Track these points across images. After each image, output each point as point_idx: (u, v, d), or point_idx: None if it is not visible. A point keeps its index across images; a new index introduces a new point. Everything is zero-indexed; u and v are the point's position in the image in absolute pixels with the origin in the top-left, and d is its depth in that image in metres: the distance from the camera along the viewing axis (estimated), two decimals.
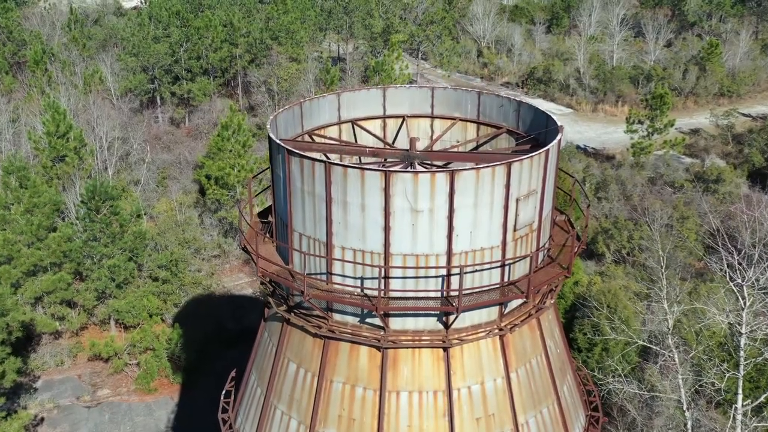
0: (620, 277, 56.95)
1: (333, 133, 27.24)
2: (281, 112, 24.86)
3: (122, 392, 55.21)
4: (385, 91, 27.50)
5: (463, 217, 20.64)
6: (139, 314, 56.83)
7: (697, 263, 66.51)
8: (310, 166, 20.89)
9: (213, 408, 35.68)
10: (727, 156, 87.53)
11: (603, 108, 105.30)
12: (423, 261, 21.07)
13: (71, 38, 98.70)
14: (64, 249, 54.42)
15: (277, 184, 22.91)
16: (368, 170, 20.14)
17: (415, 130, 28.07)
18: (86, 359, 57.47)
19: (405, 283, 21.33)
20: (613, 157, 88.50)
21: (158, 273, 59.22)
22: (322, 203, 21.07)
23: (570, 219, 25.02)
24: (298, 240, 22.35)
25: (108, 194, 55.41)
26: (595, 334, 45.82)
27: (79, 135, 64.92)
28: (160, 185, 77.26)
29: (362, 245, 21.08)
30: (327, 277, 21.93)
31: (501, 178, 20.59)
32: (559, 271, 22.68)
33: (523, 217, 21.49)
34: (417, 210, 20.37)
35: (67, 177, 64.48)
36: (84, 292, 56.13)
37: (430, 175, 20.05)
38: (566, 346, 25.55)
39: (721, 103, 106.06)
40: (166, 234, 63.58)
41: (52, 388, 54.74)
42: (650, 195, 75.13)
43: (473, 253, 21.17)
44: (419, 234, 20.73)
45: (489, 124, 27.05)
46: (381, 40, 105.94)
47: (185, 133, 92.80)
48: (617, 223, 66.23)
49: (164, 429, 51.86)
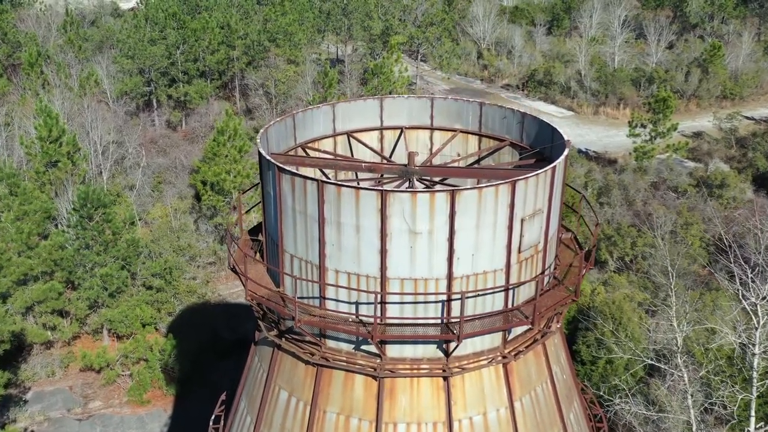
0: (624, 286, 55.72)
1: (328, 145, 25.92)
2: (272, 124, 23.57)
3: (114, 404, 53.97)
4: (383, 101, 26.19)
5: (464, 239, 19.37)
6: (132, 324, 55.58)
7: (702, 270, 65.41)
8: (302, 184, 19.62)
9: (206, 422, 34.58)
10: (731, 160, 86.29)
11: (604, 111, 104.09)
12: (422, 286, 19.78)
13: (67, 40, 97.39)
14: (55, 257, 53.26)
15: (267, 201, 21.64)
16: (363, 190, 18.87)
17: (414, 142, 26.76)
18: (78, 370, 56.24)
19: (403, 309, 20.06)
20: (615, 161, 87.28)
21: (152, 281, 57.97)
22: (314, 224, 19.81)
23: (576, 237, 23.75)
24: (289, 261, 21.07)
25: (100, 201, 54.21)
26: (599, 346, 44.58)
27: (72, 140, 63.66)
28: (156, 190, 76.01)
29: (357, 269, 19.80)
30: (320, 302, 20.66)
31: (505, 197, 19.32)
32: (566, 294, 21.40)
33: (528, 238, 20.23)
34: (415, 232, 19.11)
35: (60, 182, 63.23)
36: (76, 302, 54.93)
37: (430, 195, 18.78)
38: (572, 369, 24.27)
39: (724, 105, 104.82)
40: (160, 241, 62.32)
41: (43, 400, 53.48)
42: (653, 200, 73.97)
43: (475, 277, 19.89)
44: (418, 257, 19.45)
45: (491, 136, 25.72)
46: (380, 41, 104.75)
47: (182, 136, 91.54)
48: (620, 230, 65.02)
49: None
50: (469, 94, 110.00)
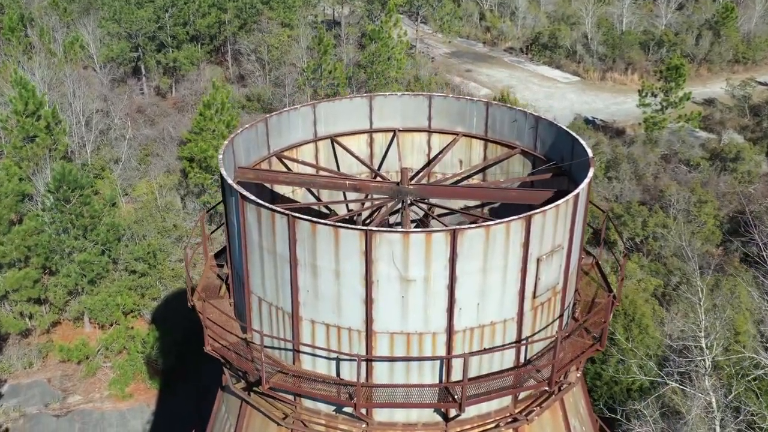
0: (635, 274, 52.32)
1: (308, 153, 22.19)
2: (240, 132, 19.87)
3: (95, 398, 50.92)
4: (372, 100, 22.43)
5: (468, 285, 15.88)
6: (113, 313, 52.34)
7: (716, 250, 62.24)
8: (269, 217, 16.06)
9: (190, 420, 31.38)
10: (744, 130, 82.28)
11: (612, 76, 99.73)
12: (416, 341, 16.32)
13: (51, 1, 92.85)
14: (29, 243, 49.92)
15: (231, 232, 18.13)
16: (343, 229, 15.31)
17: (409, 146, 23.02)
18: (58, 360, 53.10)
19: (393, 369, 16.61)
20: (623, 131, 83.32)
21: (135, 266, 54.57)
22: (285, 265, 16.29)
23: (599, 263, 20.22)
24: (257, 305, 17.61)
25: (77, 183, 50.68)
26: (611, 343, 41.32)
27: (49, 113, 59.82)
28: (143, 163, 72.26)
29: (337, 320, 16.34)
30: (294, 355, 17.23)
31: (518, 235, 15.78)
32: (590, 343, 17.93)
33: (546, 280, 16.73)
34: (408, 279, 15.61)
35: (39, 159, 59.55)
36: (53, 288, 51.67)
37: (425, 236, 15.24)
38: (592, 415, 20.88)
39: (736, 70, 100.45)
40: (144, 222, 58.78)
41: (19, 394, 50.43)
42: (664, 174, 70.31)
43: (481, 329, 16.42)
44: (411, 308, 15.97)
45: (499, 142, 21.98)
46: (378, 2, 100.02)
47: (171, 104, 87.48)
48: (630, 209, 61.42)
49: None
50: (471, 57, 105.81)
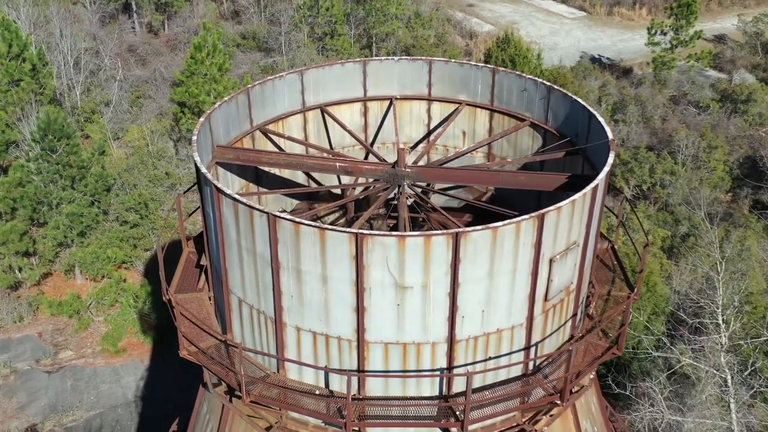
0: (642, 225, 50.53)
1: (295, 124, 20.12)
2: (218, 107, 17.81)
3: (87, 354, 49.64)
4: (366, 65, 20.30)
5: (472, 292, 14.08)
6: (105, 266, 50.81)
7: (724, 196, 60.54)
8: (248, 214, 14.18)
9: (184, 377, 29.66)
10: (756, 69, 79.56)
11: (619, 11, 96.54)
12: (413, 352, 14.58)
13: None
14: (15, 195, 48.11)
15: (207, 223, 16.27)
16: (331, 231, 13.44)
17: (407, 116, 20.95)
18: (49, 314, 51.74)
19: (388, 380, 14.92)
20: (630, 69, 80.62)
21: (126, 216, 52.84)
22: (266, 267, 14.48)
23: (615, 248, 18.39)
24: (237, 305, 15.84)
25: (63, 131, 48.62)
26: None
27: (35, 56, 57.40)
28: (134, 105, 69.93)
29: (325, 328, 14.58)
30: (278, 363, 15.53)
31: (528, 236, 13.91)
32: (606, 346, 16.20)
33: (559, 281, 14.92)
34: (404, 286, 13.81)
35: (25, 104, 57.35)
36: (42, 240, 50.06)
37: (423, 240, 13.37)
38: (605, 412, 19.27)
39: (748, 4, 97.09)
40: (134, 170, 56.81)
41: (10, 349, 49.14)
42: (673, 117, 68.04)
43: (486, 337, 14.67)
44: (408, 316, 14.20)
45: (506, 113, 19.91)
46: None
47: (163, 42, 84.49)
48: (637, 155, 59.32)
49: (132, 399, 46.56)
50: None
